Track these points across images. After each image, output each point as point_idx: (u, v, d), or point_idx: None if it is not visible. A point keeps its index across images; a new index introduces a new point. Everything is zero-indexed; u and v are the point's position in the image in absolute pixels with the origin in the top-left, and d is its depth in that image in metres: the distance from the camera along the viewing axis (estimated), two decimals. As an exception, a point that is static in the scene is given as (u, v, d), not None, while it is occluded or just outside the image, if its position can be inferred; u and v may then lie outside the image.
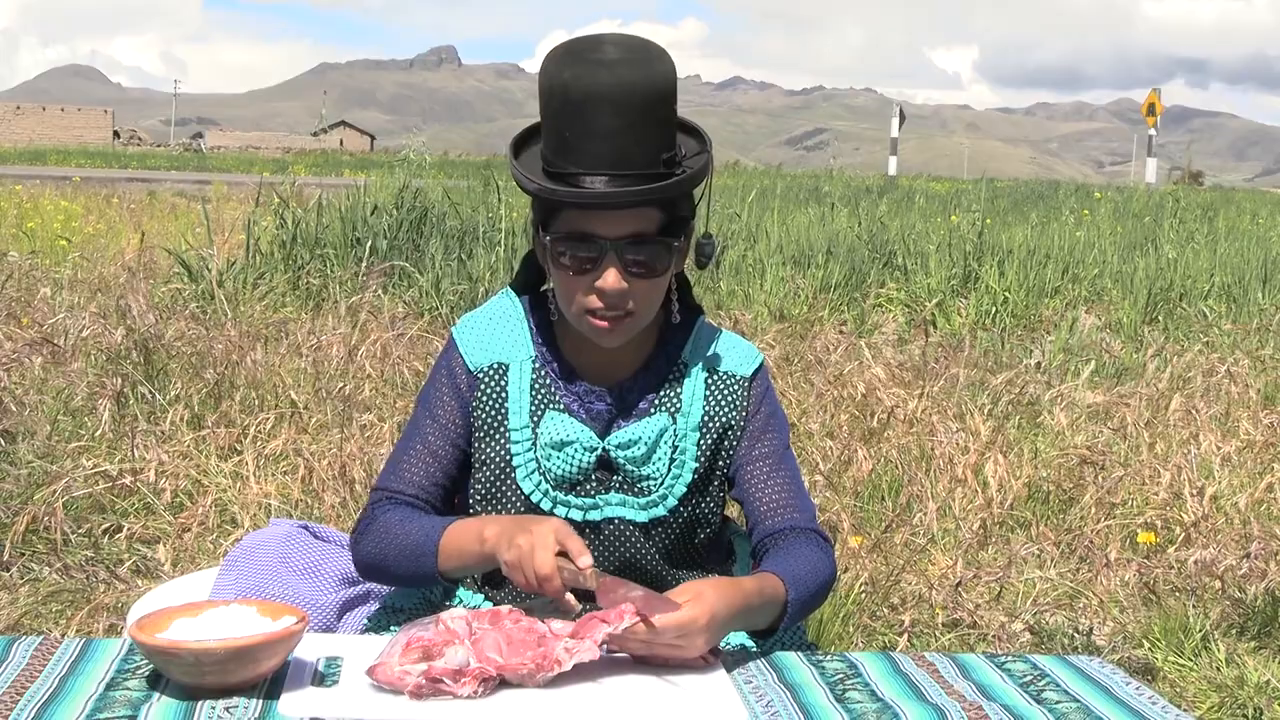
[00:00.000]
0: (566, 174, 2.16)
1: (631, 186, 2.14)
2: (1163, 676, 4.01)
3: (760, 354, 2.44)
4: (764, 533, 2.35)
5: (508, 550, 2.05)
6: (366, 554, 2.27)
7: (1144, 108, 39.46)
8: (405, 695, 1.84)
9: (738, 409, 2.37)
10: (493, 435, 2.30)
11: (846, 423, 6.06)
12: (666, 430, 2.30)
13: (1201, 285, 12.13)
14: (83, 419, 5.65)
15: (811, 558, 2.30)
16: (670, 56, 2.21)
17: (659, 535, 2.32)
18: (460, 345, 2.35)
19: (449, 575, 2.20)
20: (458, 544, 2.16)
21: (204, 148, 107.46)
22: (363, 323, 7.75)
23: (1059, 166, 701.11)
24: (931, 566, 4.71)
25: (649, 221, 2.19)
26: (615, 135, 2.13)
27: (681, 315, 2.36)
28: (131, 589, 4.12)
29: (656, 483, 2.29)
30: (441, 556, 2.17)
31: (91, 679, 1.86)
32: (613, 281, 2.17)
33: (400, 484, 2.31)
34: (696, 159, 2.24)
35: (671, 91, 2.19)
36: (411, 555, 2.20)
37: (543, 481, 2.28)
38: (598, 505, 2.29)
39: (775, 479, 2.37)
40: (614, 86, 2.11)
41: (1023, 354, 8.69)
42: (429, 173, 13.40)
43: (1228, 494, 5.43)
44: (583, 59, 2.14)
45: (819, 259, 11.95)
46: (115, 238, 12.82)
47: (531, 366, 2.32)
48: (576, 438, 2.26)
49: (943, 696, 1.95)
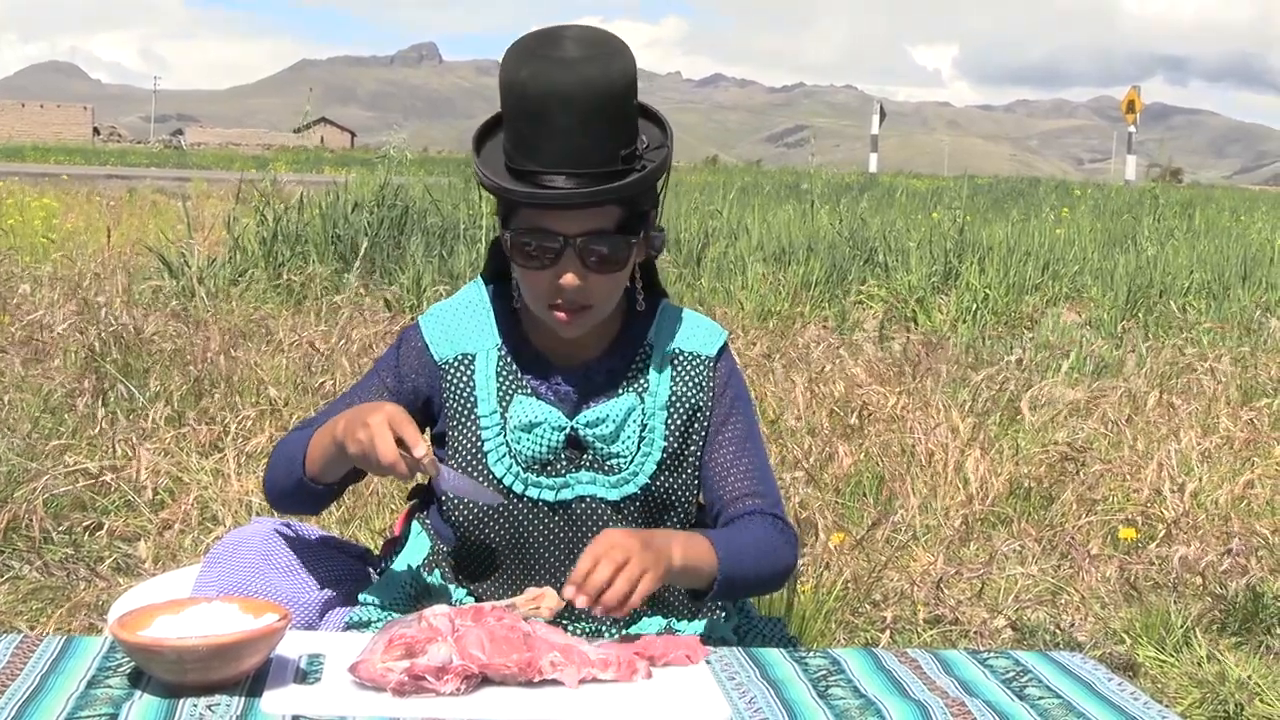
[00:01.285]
0: (526, 171, 2.17)
1: (590, 186, 2.15)
2: (1144, 672, 4.02)
3: (724, 331, 2.46)
4: (725, 519, 2.37)
5: (352, 444, 2.08)
6: (267, 478, 2.36)
7: (1124, 105, 39.59)
8: (388, 692, 1.83)
9: (704, 390, 2.38)
10: (463, 423, 2.32)
11: (828, 419, 6.07)
12: (634, 409, 2.32)
13: (1181, 282, 12.17)
14: (63, 416, 5.63)
15: (763, 537, 2.31)
16: (629, 50, 2.21)
17: (631, 514, 2.32)
18: (426, 336, 2.37)
19: (319, 479, 2.25)
20: (319, 447, 2.21)
21: (184, 144, 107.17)
22: (344, 320, 7.74)
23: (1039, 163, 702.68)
24: (913, 563, 4.72)
25: (608, 218, 2.21)
26: (574, 134, 2.14)
27: (646, 299, 2.37)
28: (113, 586, 4.11)
29: (626, 460, 2.31)
30: (309, 460, 2.23)
31: (73, 677, 1.86)
32: (571, 278, 2.20)
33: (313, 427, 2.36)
34: (656, 152, 2.25)
35: (631, 87, 2.20)
36: (289, 464, 2.27)
37: (514, 464, 2.29)
38: (569, 484, 2.30)
39: (739, 465, 2.38)
40: (572, 85, 2.12)
41: (1003, 351, 8.70)
42: (410, 169, 13.40)
43: (1208, 490, 5.45)
44: (541, 56, 2.14)
45: (800, 256, 11.96)
46: (95, 235, 12.77)
47: (498, 354, 2.34)
48: (544, 418, 2.28)
49: (925, 693, 1.96)
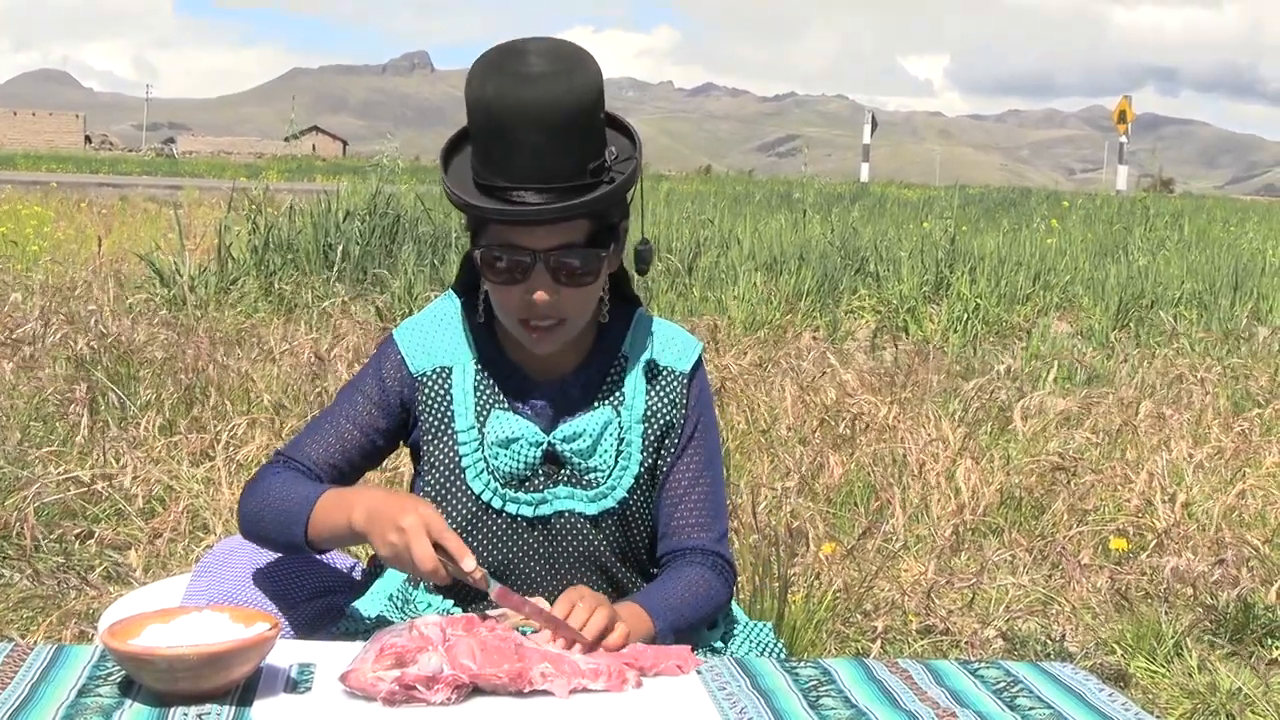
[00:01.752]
0: (494, 187, 2.17)
1: (557, 202, 2.14)
2: (1135, 683, 4.02)
3: (699, 343, 2.47)
4: (667, 548, 2.40)
5: (383, 547, 2.05)
6: (248, 513, 2.28)
7: (1115, 115, 39.66)
8: (378, 702, 1.83)
9: (678, 406, 2.39)
10: (440, 438, 2.32)
11: (819, 429, 6.07)
12: (611, 423, 2.32)
13: (1172, 292, 12.19)
14: (54, 424, 5.63)
15: (698, 584, 2.33)
16: (595, 62, 2.21)
17: (609, 529, 2.33)
18: (402, 348, 2.36)
19: (319, 547, 2.21)
20: (328, 520, 2.17)
21: (176, 153, 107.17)
22: (335, 328, 7.73)
23: (1030, 173, 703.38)
24: (904, 573, 4.72)
25: (578, 231, 2.20)
26: (541, 149, 2.13)
27: (620, 307, 2.38)
28: (103, 595, 4.10)
29: (604, 474, 2.32)
30: (311, 530, 2.18)
31: (63, 686, 1.85)
32: (542, 293, 2.20)
33: (298, 455, 2.33)
34: (626, 164, 2.24)
35: (597, 101, 2.19)
36: (285, 520, 2.21)
37: (492, 480, 2.30)
38: (547, 500, 2.30)
39: (692, 495, 2.40)
40: (536, 101, 2.11)
41: (994, 360, 8.71)
42: (401, 178, 13.38)
43: (1200, 501, 5.46)
44: (506, 72, 2.14)
45: (792, 265, 11.97)
46: (86, 243, 12.76)
47: (475, 368, 2.34)
48: (522, 434, 2.28)
49: (916, 703, 1.96)
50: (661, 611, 2.24)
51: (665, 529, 2.40)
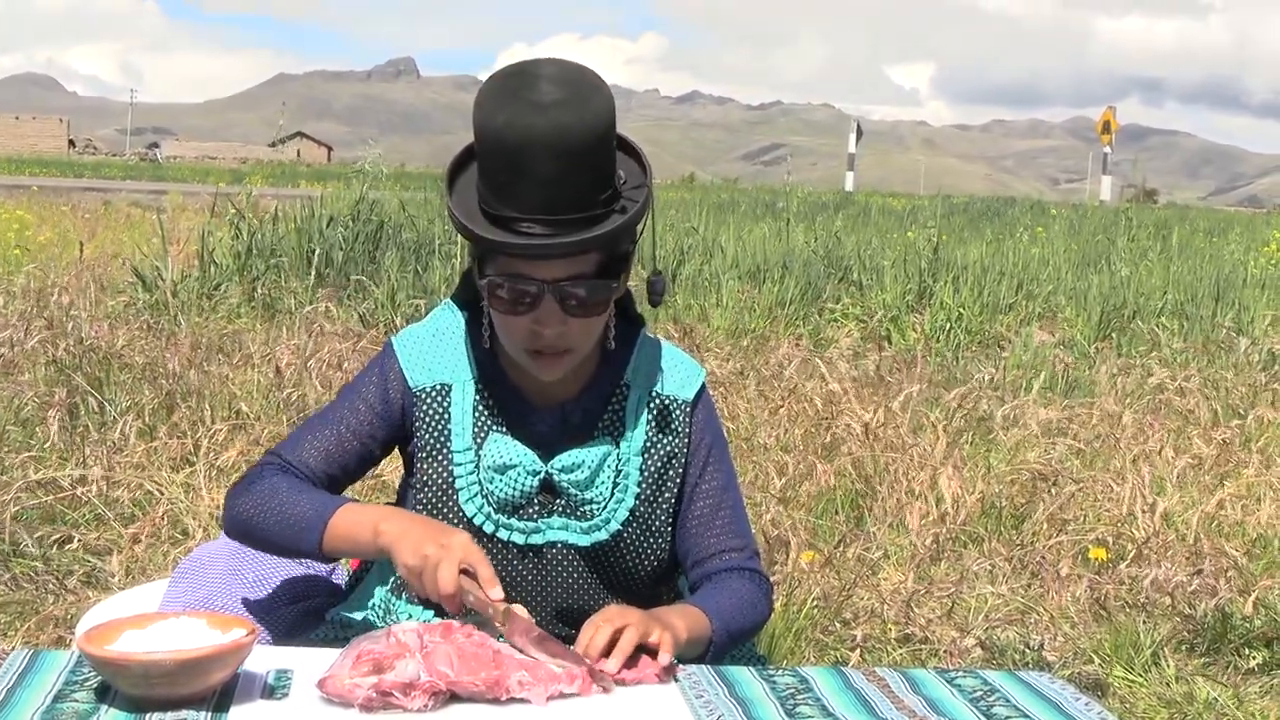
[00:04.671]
0: (503, 217, 2.11)
1: (569, 234, 2.09)
2: (1113, 693, 4.03)
3: (702, 370, 2.43)
4: (702, 573, 2.37)
5: (411, 555, 2.04)
6: (243, 512, 2.24)
7: (1099, 125, 39.78)
8: (355, 708, 1.83)
9: (680, 437, 2.36)
10: (435, 457, 2.29)
11: (801, 437, 6.08)
12: (609, 454, 2.29)
13: (1155, 302, 12.23)
14: (33, 429, 5.61)
15: (744, 595, 2.33)
16: (606, 87, 2.15)
17: (601, 561, 2.31)
18: (401, 361, 2.32)
19: (329, 556, 2.20)
20: (348, 530, 2.15)
21: (160, 157, 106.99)
22: (317, 334, 7.72)
23: (1014, 183, 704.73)
24: (884, 582, 4.73)
25: (588, 262, 2.16)
26: (551, 181, 2.07)
27: (623, 329, 2.35)
28: (81, 600, 4.09)
29: (599, 507, 2.28)
30: (327, 537, 2.16)
31: (39, 690, 1.85)
32: (549, 323, 2.16)
33: (295, 459, 2.30)
34: (637, 191, 2.19)
35: (609, 129, 2.14)
36: (294, 526, 2.18)
37: (485, 504, 2.26)
38: (540, 529, 2.27)
39: (717, 519, 2.38)
40: (549, 131, 2.05)
41: (976, 370, 8.73)
42: (385, 184, 13.37)
43: (1179, 511, 5.47)
44: (518, 99, 2.08)
45: (775, 274, 11.98)
46: (69, 247, 12.73)
47: (475, 388, 2.31)
48: (519, 461, 2.25)
49: (894, 712, 1.96)
50: (717, 613, 2.24)
51: (696, 555, 2.37)
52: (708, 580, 2.36)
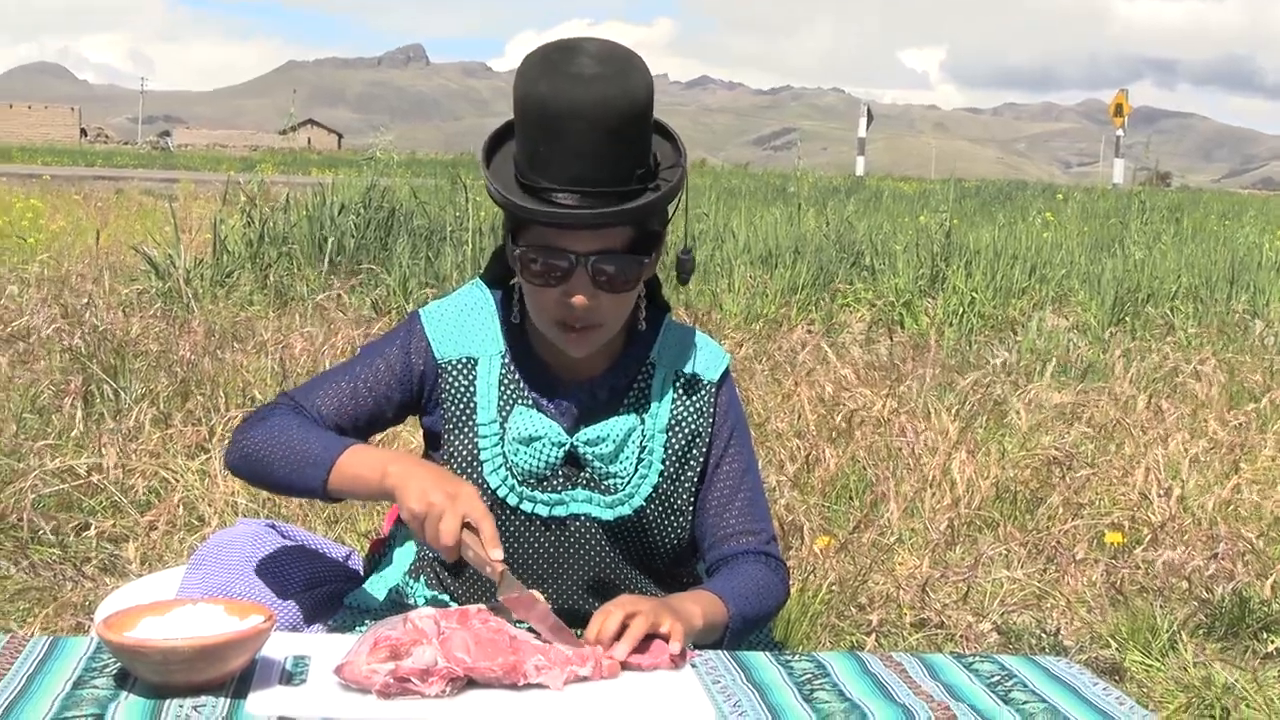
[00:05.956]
0: (538, 188, 2.14)
1: (602, 207, 2.12)
2: (1130, 677, 4.03)
3: (727, 355, 2.45)
4: (718, 555, 2.39)
5: (416, 501, 2.03)
6: (249, 445, 2.24)
7: (1111, 108, 39.68)
8: (373, 694, 1.83)
9: (704, 417, 2.38)
10: (460, 429, 2.30)
11: (814, 422, 6.07)
12: (634, 430, 2.30)
13: (1169, 286, 12.19)
14: (50, 417, 5.62)
15: (760, 580, 2.33)
16: (647, 67, 2.18)
17: (623, 536, 2.32)
18: (429, 332, 2.34)
19: (334, 496, 2.18)
20: (355, 469, 2.14)
21: (171, 145, 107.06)
22: (330, 321, 7.73)
23: (1026, 167, 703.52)
24: (899, 566, 4.72)
25: (619, 237, 2.19)
26: (589, 153, 2.11)
27: (650, 313, 2.37)
28: (99, 587, 4.10)
29: (623, 481, 2.30)
30: (335, 474, 2.15)
31: (59, 677, 1.86)
32: (581, 296, 2.18)
33: (308, 403, 2.30)
34: (671, 172, 2.22)
35: (648, 106, 2.17)
36: (300, 462, 2.17)
37: (509, 476, 2.28)
38: (564, 501, 2.29)
39: (735, 502, 2.40)
40: (589, 104, 2.08)
41: (989, 354, 8.71)
42: (396, 171, 13.37)
43: (1195, 495, 5.46)
44: (559, 71, 2.11)
45: (786, 259, 11.96)
46: (82, 236, 12.75)
47: (501, 361, 2.32)
48: (544, 433, 2.27)
49: (910, 696, 1.96)
50: (733, 597, 2.25)
51: (713, 537, 2.39)
52: (724, 563, 2.37)
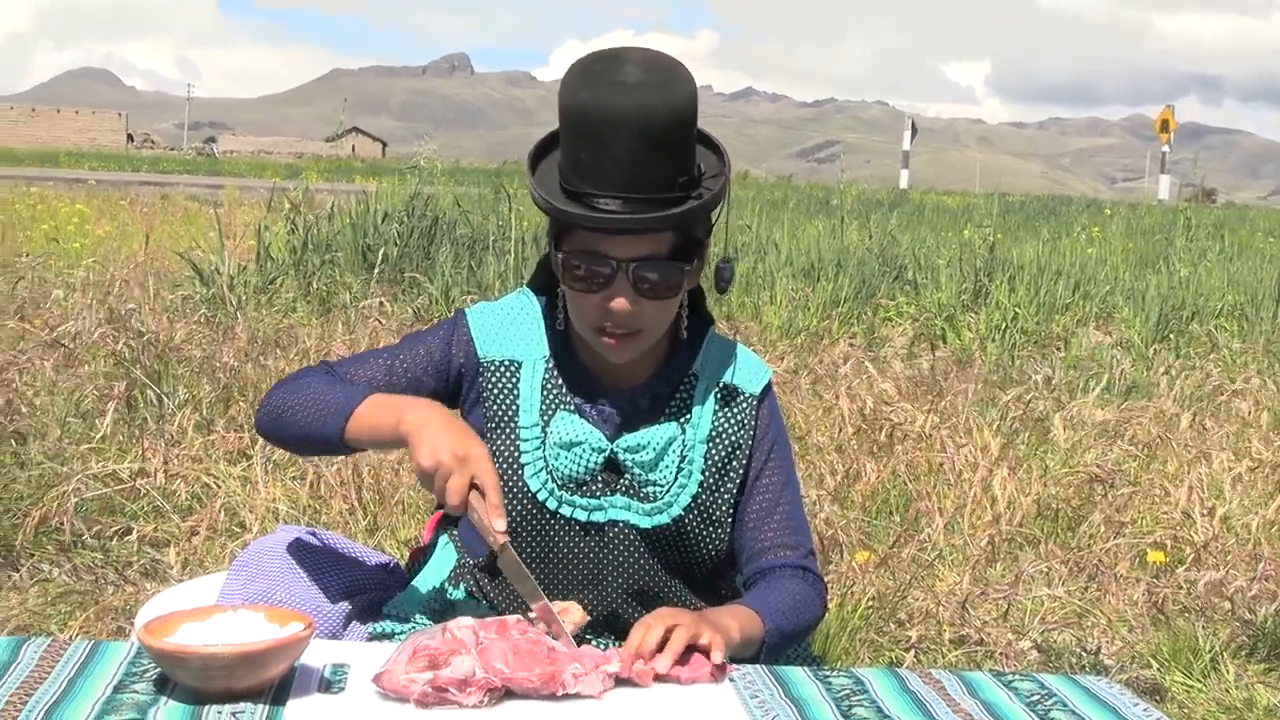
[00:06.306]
0: (581, 194, 2.16)
1: (645, 213, 2.14)
2: (1171, 697, 4.00)
3: (769, 369, 2.45)
4: (755, 568, 2.39)
5: (427, 458, 2.02)
6: (276, 400, 2.26)
7: (1157, 124, 39.47)
8: (411, 703, 1.84)
9: (745, 429, 2.38)
10: (502, 431, 2.32)
11: (854, 437, 6.06)
12: (675, 439, 2.31)
13: (1213, 304, 12.10)
14: (93, 421, 5.66)
15: (798, 595, 2.33)
16: (691, 76, 2.20)
17: (662, 544, 2.32)
18: (474, 330, 2.36)
19: (352, 444, 2.18)
20: (374, 416, 2.14)
21: (217, 152, 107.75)
22: (372, 329, 7.76)
23: (1071, 181, 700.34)
24: (939, 583, 4.70)
25: (662, 244, 2.20)
26: (632, 160, 2.12)
27: (693, 325, 2.37)
28: (140, 591, 4.13)
29: (662, 489, 2.31)
30: (353, 421, 2.15)
31: (99, 681, 1.87)
32: (623, 302, 2.19)
33: (342, 372, 2.33)
34: (714, 180, 2.24)
35: (691, 115, 2.18)
36: (322, 410, 2.18)
37: (549, 480, 2.29)
38: (603, 507, 2.30)
39: (774, 515, 2.40)
40: (632, 111, 2.10)
41: (1032, 370, 8.67)
42: (440, 180, 13.40)
43: (1239, 514, 5.41)
44: (602, 80, 2.13)
45: (829, 272, 11.94)
46: (127, 241, 12.84)
47: (545, 366, 2.34)
48: (585, 438, 2.28)
49: (949, 714, 1.95)
50: (770, 613, 2.25)
51: (751, 550, 2.39)
52: (761, 576, 2.37)
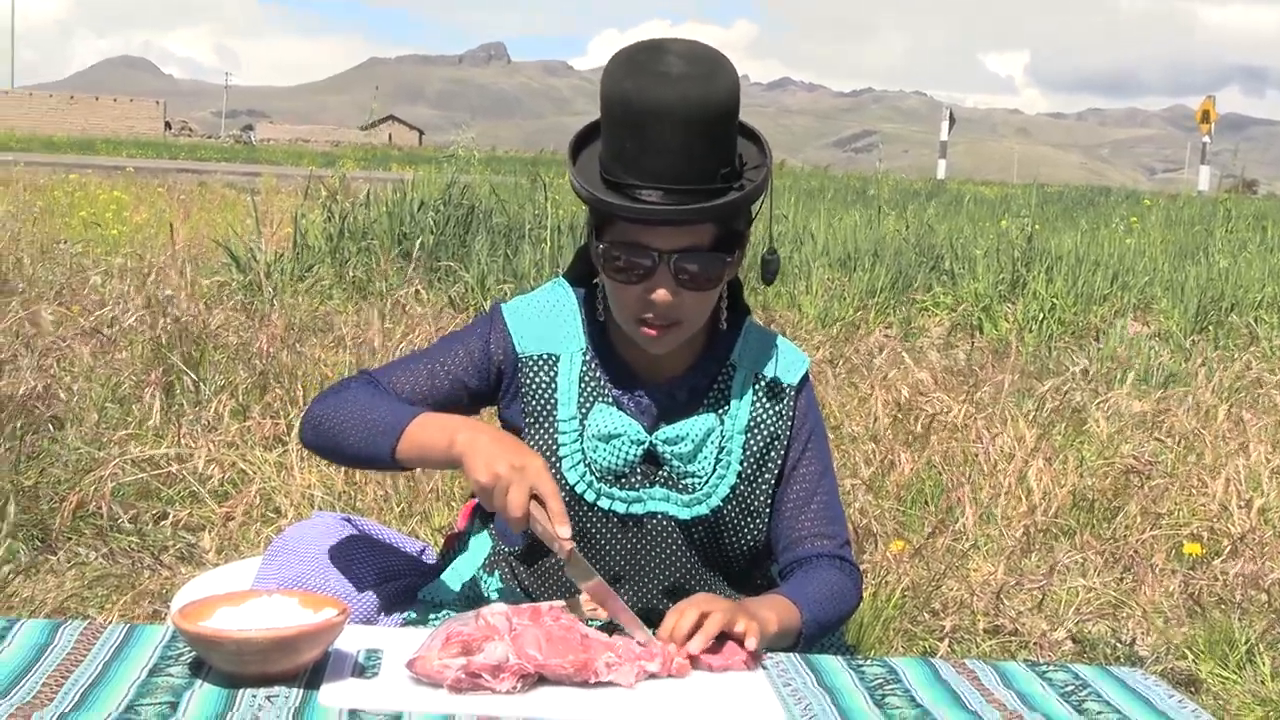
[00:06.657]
0: (623, 184, 2.15)
1: (687, 204, 2.13)
2: (1206, 689, 3.98)
3: (806, 359, 2.45)
4: (791, 558, 2.39)
5: (483, 473, 2.02)
6: (322, 415, 2.25)
7: (1198, 115, 39.17)
8: (444, 689, 1.84)
9: (783, 420, 2.38)
10: (540, 424, 2.32)
11: (890, 426, 6.04)
12: (713, 430, 2.31)
13: (1253, 295, 12.02)
14: (130, 407, 5.69)
15: (834, 584, 2.33)
16: (733, 68, 2.19)
17: (700, 536, 2.32)
18: (511, 326, 2.36)
19: (403, 463, 2.18)
20: (424, 437, 2.14)
21: (254, 140, 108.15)
22: (408, 316, 7.77)
23: (1110, 172, 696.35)
24: (973, 573, 4.69)
25: (703, 235, 2.19)
26: (674, 151, 2.11)
27: (730, 316, 2.37)
28: (176, 575, 4.15)
29: (701, 480, 2.30)
30: (404, 442, 2.14)
31: (135, 664, 1.88)
32: (664, 294, 2.18)
33: (384, 380, 2.32)
34: (755, 172, 2.24)
35: (733, 106, 2.18)
36: (371, 430, 2.18)
37: (588, 473, 2.29)
38: (641, 499, 2.30)
39: (811, 505, 2.40)
40: (675, 102, 2.09)
41: (1069, 361, 8.63)
42: (476, 168, 13.41)
43: (1276, 507, 5.38)
44: (645, 70, 2.12)
45: (865, 262, 11.91)
46: (164, 227, 12.90)
47: (582, 359, 2.34)
48: (624, 430, 2.28)
49: (983, 704, 1.95)
50: (807, 603, 2.24)
51: (787, 540, 2.39)
52: (797, 565, 2.37)
